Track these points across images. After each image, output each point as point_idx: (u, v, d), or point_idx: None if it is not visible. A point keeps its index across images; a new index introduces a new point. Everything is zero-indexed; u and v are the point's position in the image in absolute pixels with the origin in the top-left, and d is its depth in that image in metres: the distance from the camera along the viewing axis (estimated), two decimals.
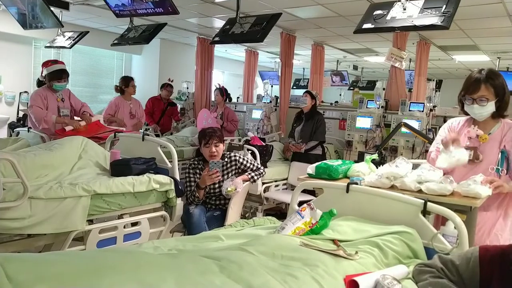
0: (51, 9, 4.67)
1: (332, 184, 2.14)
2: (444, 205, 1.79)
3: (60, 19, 4.89)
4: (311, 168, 2.44)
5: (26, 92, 6.67)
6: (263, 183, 4.14)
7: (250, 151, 4.13)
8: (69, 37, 5.54)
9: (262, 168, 3.14)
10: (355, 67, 10.66)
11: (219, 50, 8.64)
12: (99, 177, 2.66)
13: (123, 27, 5.47)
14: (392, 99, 5.16)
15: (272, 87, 6.66)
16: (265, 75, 9.11)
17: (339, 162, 2.48)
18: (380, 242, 1.60)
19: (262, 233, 1.78)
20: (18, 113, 6.56)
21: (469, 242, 1.62)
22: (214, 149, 2.88)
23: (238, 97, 7.52)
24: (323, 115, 4.96)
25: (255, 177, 3.06)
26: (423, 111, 4.53)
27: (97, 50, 7.80)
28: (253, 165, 3.07)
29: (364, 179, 2.23)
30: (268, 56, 8.98)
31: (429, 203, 1.73)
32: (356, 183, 2.08)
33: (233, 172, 3.01)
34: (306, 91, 4.67)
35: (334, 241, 1.62)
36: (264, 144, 4.59)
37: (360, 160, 2.66)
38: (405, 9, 3.19)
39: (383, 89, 5.02)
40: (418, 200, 1.77)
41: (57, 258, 1.23)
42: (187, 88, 7.00)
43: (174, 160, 3.00)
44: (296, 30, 6.16)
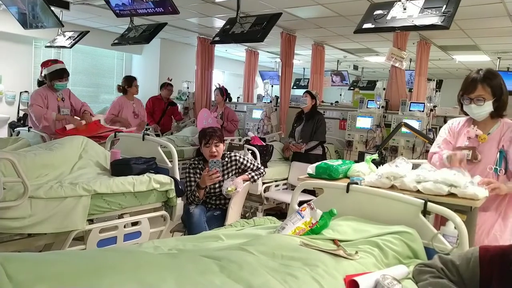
0: (52, 8, 4.67)
1: (332, 184, 2.14)
2: (444, 205, 1.79)
3: (61, 19, 4.89)
4: (311, 168, 2.44)
5: (26, 91, 6.66)
6: (263, 183, 4.14)
7: (250, 151, 4.13)
8: (70, 37, 5.54)
9: (262, 168, 3.14)
10: (355, 67, 10.65)
11: (220, 50, 8.63)
12: (99, 177, 2.67)
13: (124, 27, 5.47)
14: (393, 99, 5.16)
15: (272, 87, 6.65)
16: (265, 75, 9.12)
17: (339, 162, 2.49)
18: (380, 242, 1.60)
19: (262, 233, 1.78)
20: (19, 112, 6.55)
21: (469, 242, 1.62)
22: (214, 149, 2.88)
23: (238, 97, 7.51)
24: (324, 115, 4.96)
25: (255, 177, 3.06)
26: (423, 111, 4.53)
27: (97, 50, 7.79)
28: (253, 165, 3.08)
29: (364, 179, 2.23)
30: (268, 56, 8.97)
31: (429, 203, 1.73)
32: (356, 183, 2.08)
33: (234, 172, 3.01)
34: (306, 91, 4.66)
35: (334, 241, 1.62)
36: (264, 144, 4.59)
37: (360, 160, 2.66)
38: (405, 9, 3.19)
39: (384, 89, 5.02)
40: (418, 200, 1.77)
41: (57, 257, 1.23)
42: (188, 88, 6.99)
43: (175, 160, 2.99)
44: (296, 30, 6.16)
